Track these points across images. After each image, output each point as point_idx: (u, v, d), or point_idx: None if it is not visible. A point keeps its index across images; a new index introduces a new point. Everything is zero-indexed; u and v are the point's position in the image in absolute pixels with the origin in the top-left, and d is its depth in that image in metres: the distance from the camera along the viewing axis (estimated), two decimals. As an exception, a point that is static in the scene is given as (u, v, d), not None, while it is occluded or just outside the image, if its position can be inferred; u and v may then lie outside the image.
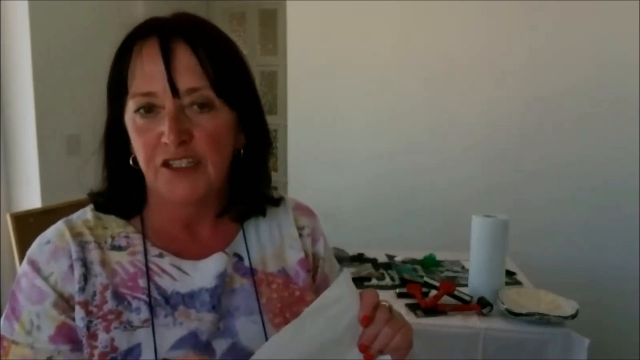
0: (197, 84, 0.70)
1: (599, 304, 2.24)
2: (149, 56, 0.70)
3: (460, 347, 1.48)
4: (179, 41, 0.70)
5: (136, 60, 0.71)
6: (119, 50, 0.73)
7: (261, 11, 3.93)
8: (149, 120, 0.71)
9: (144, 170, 0.74)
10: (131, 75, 0.71)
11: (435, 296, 1.57)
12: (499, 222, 1.65)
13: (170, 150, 0.70)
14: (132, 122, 0.72)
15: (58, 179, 2.42)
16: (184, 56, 0.70)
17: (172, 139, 0.69)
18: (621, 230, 2.43)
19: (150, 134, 0.71)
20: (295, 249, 0.85)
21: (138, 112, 0.71)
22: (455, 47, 2.58)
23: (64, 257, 0.72)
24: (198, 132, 0.71)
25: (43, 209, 2.03)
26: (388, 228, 2.63)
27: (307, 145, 2.81)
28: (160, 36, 0.70)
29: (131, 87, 0.71)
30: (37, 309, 0.71)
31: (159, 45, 0.70)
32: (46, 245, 0.73)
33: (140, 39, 0.72)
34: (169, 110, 0.69)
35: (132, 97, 0.71)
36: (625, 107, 2.41)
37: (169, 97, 0.69)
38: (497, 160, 2.58)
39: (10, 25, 2.38)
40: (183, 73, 0.69)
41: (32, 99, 2.39)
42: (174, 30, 0.71)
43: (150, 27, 0.72)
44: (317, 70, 2.75)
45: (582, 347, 1.41)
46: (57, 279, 0.71)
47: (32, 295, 0.71)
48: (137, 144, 0.73)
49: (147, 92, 0.70)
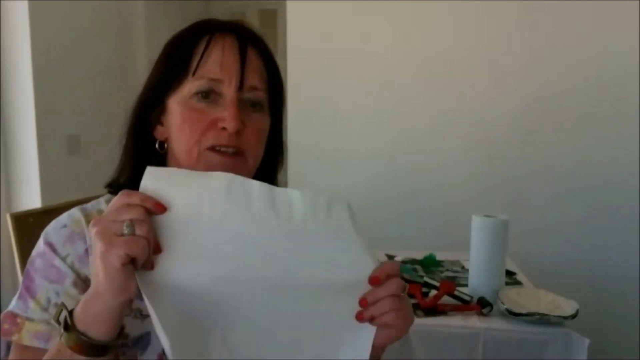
0: (258, 84, 0.77)
1: (599, 304, 2.24)
2: (230, 49, 0.76)
3: (460, 347, 1.48)
4: (252, 45, 0.78)
5: (214, 48, 0.76)
6: (191, 35, 0.78)
7: (261, 11, 3.93)
8: (207, 104, 0.75)
9: (181, 153, 0.75)
10: (204, 60, 0.75)
11: (435, 296, 1.57)
12: (499, 222, 1.65)
13: (223, 136, 0.74)
14: (186, 104, 0.75)
15: (58, 179, 2.43)
16: (254, 59, 0.78)
17: (234, 124, 0.73)
18: (621, 230, 2.43)
19: (206, 117, 0.74)
20: None
21: (198, 95, 0.75)
22: (455, 47, 2.58)
23: (80, 241, 0.74)
24: (250, 125, 0.76)
25: (43, 209, 2.03)
26: (388, 228, 2.62)
27: (307, 145, 2.81)
28: (238, 35, 0.78)
29: (199, 70, 0.75)
30: (56, 288, 0.72)
31: (238, 43, 0.77)
32: (63, 229, 0.75)
33: (220, 32, 0.77)
34: (233, 98, 0.74)
35: (198, 80, 0.75)
36: (625, 107, 2.41)
37: (235, 88, 0.75)
38: (497, 160, 2.58)
39: (10, 25, 2.38)
40: (251, 72, 0.77)
41: (32, 99, 2.40)
42: (248, 34, 0.79)
43: (228, 26, 0.79)
44: (317, 70, 2.75)
45: (582, 347, 1.41)
46: (74, 260, 0.73)
47: (50, 274, 0.72)
48: (185, 124, 0.75)
49: (216, 78, 0.75)
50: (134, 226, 0.58)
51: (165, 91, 0.77)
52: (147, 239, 0.58)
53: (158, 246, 0.60)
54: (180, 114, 0.76)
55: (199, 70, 0.75)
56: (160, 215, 0.61)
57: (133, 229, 0.58)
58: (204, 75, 0.75)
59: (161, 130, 0.79)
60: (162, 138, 0.79)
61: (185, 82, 0.75)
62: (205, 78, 0.75)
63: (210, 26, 0.79)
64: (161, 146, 0.79)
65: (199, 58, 0.75)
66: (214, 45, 0.76)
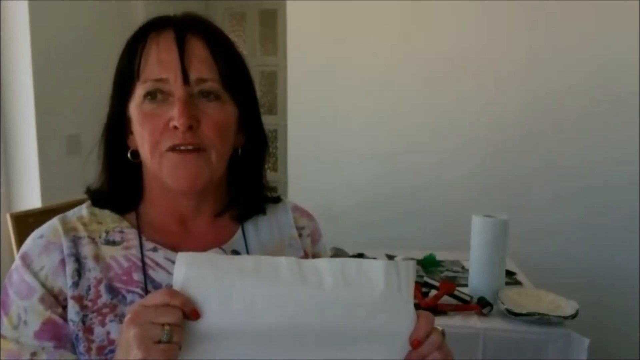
0: (207, 75, 0.74)
1: (599, 304, 2.24)
2: (165, 45, 0.74)
3: (460, 347, 1.48)
4: (192, 35, 0.75)
5: (151, 48, 0.74)
6: (132, 39, 0.76)
7: (261, 11, 3.93)
8: (158, 105, 0.73)
9: (146, 159, 0.75)
10: (144, 63, 0.74)
11: (435, 296, 1.57)
12: (499, 222, 1.65)
13: (177, 135, 0.72)
14: (139, 108, 0.74)
15: (58, 179, 2.42)
16: (197, 49, 0.74)
17: (182, 122, 0.71)
18: (621, 230, 2.43)
19: (158, 119, 0.73)
20: (294, 248, 0.86)
21: (147, 97, 0.73)
22: (455, 47, 2.58)
23: (56, 252, 0.73)
24: (205, 119, 0.73)
25: (43, 209, 2.03)
26: (388, 228, 2.63)
27: (307, 145, 2.81)
28: (175, 29, 0.74)
29: (143, 74, 0.74)
30: (24, 304, 0.71)
31: (175, 36, 0.74)
32: (39, 240, 0.75)
33: (156, 30, 0.75)
34: (180, 95, 0.72)
35: (143, 83, 0.74)
36: (625, 107, 2.41)
37: (180, 83, 0.72)
38: (497, 160, 2.58)
39: (10, 25, 2.38)
40: (195, 63, 0.73)
41: (32, 99, 2.39)
42: (189, 25, 0.76)
43: (166, 21, 0.76)
44: (317, 70, 2.75)
45: (582, 347, 1.41)
46: (48, 272, 0.72)
47: (21, 290, 0.72)
48: (143, 129, 0.74)
49: (159, 77, 0.73)
50: (172, 333, 0.58)
51: (122, 100, 0.77)
52: (180, 345, 0.59)
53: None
54: (137, 120, 0.75)
55: (142, 74, 0.74)
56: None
57: (171, 336, 0.58)
58: (147, 77, 0.73)
59: (132, 139, 0.78)
60: (134, 147, 0.78)
61: (135, 88, 0.75)
62: (148, 80, 0.73)
63: (148, 26, 0.76)
64: (134, 155, 0.78)
65: (139, 61, 0.74)
66: (150, 44, 0.74)
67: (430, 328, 0.69)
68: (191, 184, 0.74)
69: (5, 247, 2.23)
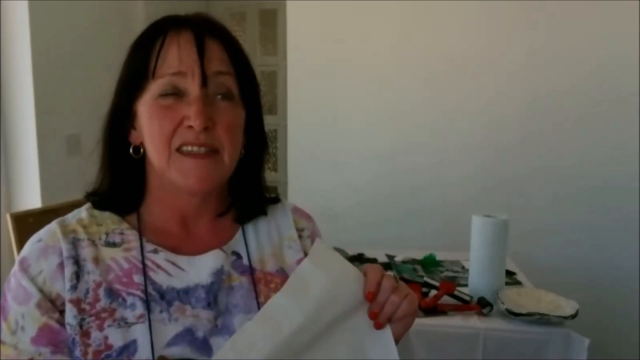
0: (224, 68, 0.75)
1: (599, 304, 2.24)
2: (185, 45, 0.74)
3: (460, 347, 1.48)
4: (210, 37, 0.76)
5: (170, 46, 0.74)
6: (148, 36, 0.76)
7: (261, 11, 3.93)
8: (172, 102, 0.73)
9: (154, 156, 0.75)
10: (162, 59, 0.74)
11: (435, 296, 1.57)
12: (499, 222, 1.65)
13: (191, 134, 0.72)
14: (152, 104, 0.74)
15: (58, 179, 2.42)
16: (215, 49, 0.75)
17: (199, 122, 0.71)
18: (621, 230, 2.43)
19: (172, 116, 0.73)
20: (294, 249, 0.85)
21: (161, 94, 0.74)
22: (455, 47, 2.58)
23: (54, 255, 0.73)
24: (219, 120, 0.74)
25: (43, 209, 2.02)
26: (388, 228, 2.63)
27: (307, 145, 2.81)
28: (193, 29, 0.75)
29: (160, 69, 0.74)
30: (22, 310, 0.71)
31: (194, 37, 0.74)
32: (37, 244, 0.74)
33: (174, 29, 0.75)
34: (197, 94, 0.73)
35: (160, 77, 0.74)
36: (625, 107, 2.41)
37: (198, 82, 0.73)
38: (497, 160, 2.58)
39: (10, 25, 2.38)
40: (213, 61, 0.75)
41: (32, 99, 2.39)
42: (206, 27, 0.77)
43: (182, 21, 0.77)
44: (317, 70, 2.75)
45: (582, 347, 1.41)
46: (46, 277, 0.72)
47: (19, 296, 0.72)
48: (154, 126, 0.74)
49: (177, 71, 0.73)
50: None
51: (130, 96, 0.76)
52: None
53: None
54: (148, 115, 0.75)
55: (157, 71, 0.74)
56: None
57: None
58: (165, 72, 0.73)
59: (135, 135, 0.78)
60: (136, 143, 0.78)
61: (148, 85, 0.75)
62: (165, 75, 0.73)
63: (165, 24, 0.77)
64: (136, 151, 0.78)
65: (156, 59, 0.74)
66: (169, 42, 0.74)
67: (378, 277, 0.73)
68: (201, 185, 0.75)
69: (5, 247, 2.23)
